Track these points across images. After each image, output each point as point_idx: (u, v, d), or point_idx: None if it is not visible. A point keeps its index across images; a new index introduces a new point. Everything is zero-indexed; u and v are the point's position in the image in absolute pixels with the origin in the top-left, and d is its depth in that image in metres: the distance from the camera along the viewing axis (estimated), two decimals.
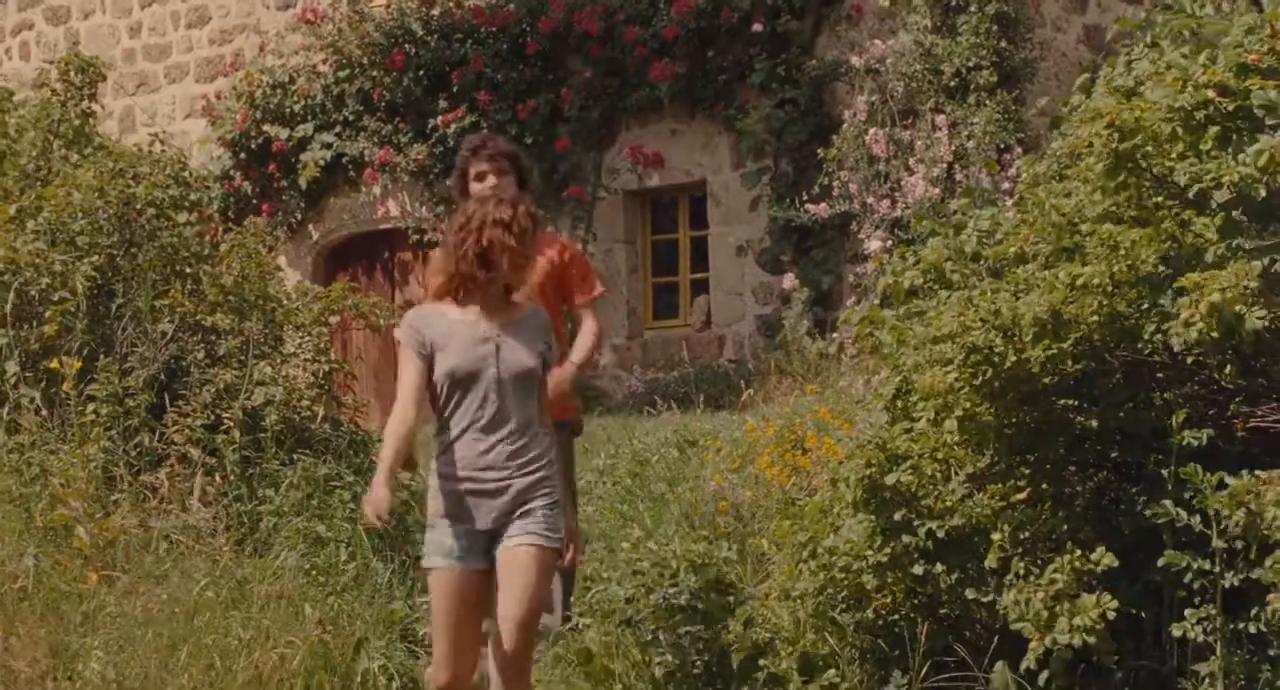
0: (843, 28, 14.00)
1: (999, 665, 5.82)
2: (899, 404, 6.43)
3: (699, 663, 6.60)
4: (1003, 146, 12.52)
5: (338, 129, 16.12)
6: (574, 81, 15.05)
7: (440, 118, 15.40)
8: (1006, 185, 11.93)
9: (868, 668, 6.14)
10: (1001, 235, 6.71)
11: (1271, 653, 5.47)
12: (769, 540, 7.01)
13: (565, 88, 15.06)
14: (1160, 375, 6.15)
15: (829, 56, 13.97)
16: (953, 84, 12.90)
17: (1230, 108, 5.69)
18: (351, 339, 15.42)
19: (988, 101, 12.68)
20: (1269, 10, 5.94)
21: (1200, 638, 5.59)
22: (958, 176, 12.67)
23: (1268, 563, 5.15)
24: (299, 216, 16.46)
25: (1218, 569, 5.57)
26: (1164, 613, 5.81)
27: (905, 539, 6.10)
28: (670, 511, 8.48)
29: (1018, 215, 6.75)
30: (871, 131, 13.17)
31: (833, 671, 6.22)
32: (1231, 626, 5.53)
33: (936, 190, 12.58)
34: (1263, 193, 5.57)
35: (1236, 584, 5.45)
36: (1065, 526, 6.02)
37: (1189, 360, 5.82)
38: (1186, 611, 5.66)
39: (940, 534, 6.08)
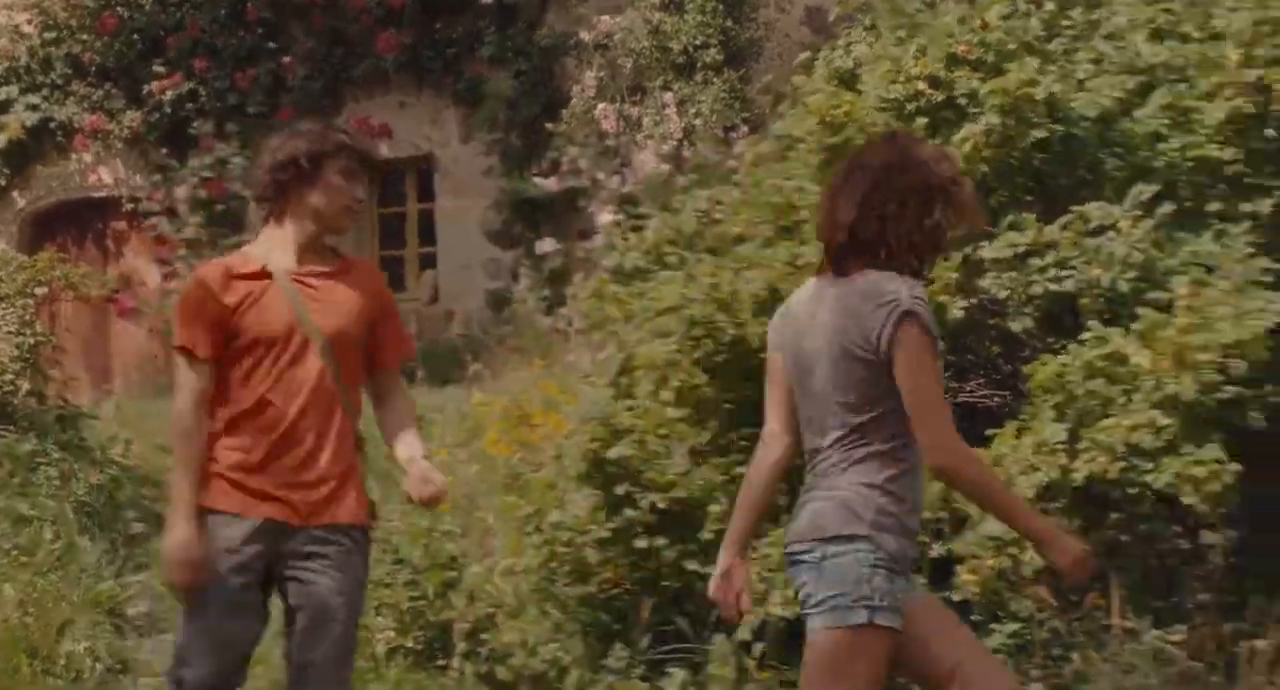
0: (572, 2, 14.02)
1: (719, 637, 5.91)
2: (623, 379, 6.48)
3: (421, 637, 6.56)
4: (729, 125, 12.71)
5: (45, 92, 15.47)
6: (297, 50, 14.74)
7: (155, 84, 14.92)
8: (733, 163, 12.09)
9: (590, 641, 6.17)
10: (722, 215, 6.82)
11: (973, 618, 5.68)
12: (494, 515, 6.98)
13: (288, 57, 14.74)
14: None
15: (558, 30, 13.98)
16: (680, 62, 13.03)
17: (940, 99, 5.86)
18: (61, 311, 14.85)
19: (715, 80, 12.84)
20: (980, 3, 6.14)
21: None
22: (686, 153, 12.80)
23: (958, 539, 5.34)
24: (2, 182, 15.76)
25: (925, 540, 5.75)
26: None
27: (629, 513, 6.15)
28: (397, 487, 8.38)
29: (740, 195, 6.87)
30: (600, 107, 13.22)
31: (555, 645, 6.23)
32: (937, 594, 5.72)
33: (667, 167, 12.69)
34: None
35: (943, 554, 5.63)
36: (783, 499, 6.14)
37: None
38: None
39: (663, 507, 6.14)
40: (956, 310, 5.57)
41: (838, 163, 5.94)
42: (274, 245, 4.33)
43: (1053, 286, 5.32)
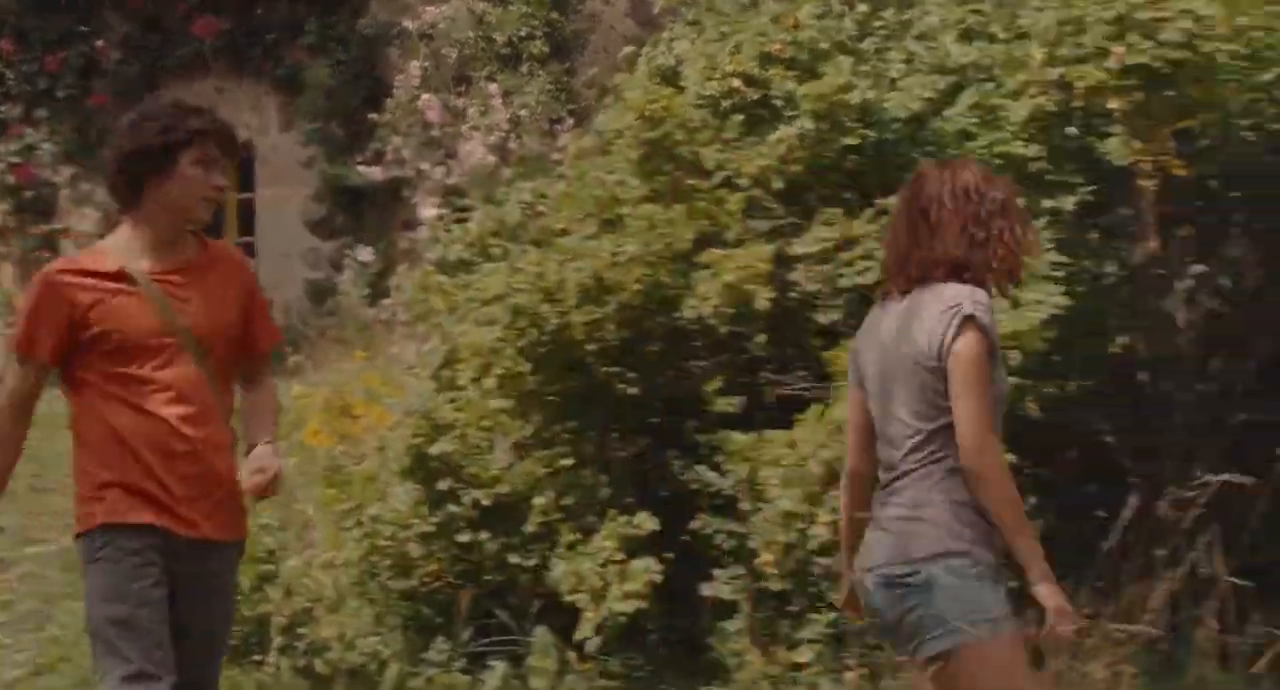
0: None
1: (541, 629, 5.94)
2: (447, 373, 6.47)
3: (237, 632, 6.48)
4: (555, 117, 12.71)
5: None
6: (111, 35, 14.41)
7: None
8: (557, 156, 12.10)
9: (410, 635, 6.16)
10: (546, 208, 6.84)
11: (791, 608, 5.78)
12: (313, 507, 6.92)
13: (101, 40, 14.40)
14: (698, 344, 6.40)
15: (381, 19, 13.85)
16: (505, 53, 13.00)
17: (755, 97, 5.94)
18: None
19: (540, 72, 12.84)
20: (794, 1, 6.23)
21: (729, 596, 5.85)
22: (512, 145, 12.78)
23: (757, 518, 5.43)
24: None
25: (745, 530, 5.83)
26: (698, 574, 6.05)
27: (451, 508, 6.15)
28: None
29: (564, 189, 6.90)
30: (425, 97, 13.14)
31: (375, 639, 6.21)
32: (757, 584, 5.81)
33: (493, 158, 12.66)
34: (780, 183, 5.85)
35: (757, 543, 5.72)
36: (608, 492, 6.18)
37: (724, 330, 6.07)
38: (716, 571, 5.91)
39: (486, 502, 6.15)
40: (764, 299, 5.65)
41: (657, 159, 6.08)
42: (130, 241, 4.01)
43: (859, 279, 5.44)
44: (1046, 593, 3.47)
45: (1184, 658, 5.25)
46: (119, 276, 3.95)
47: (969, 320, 3.47)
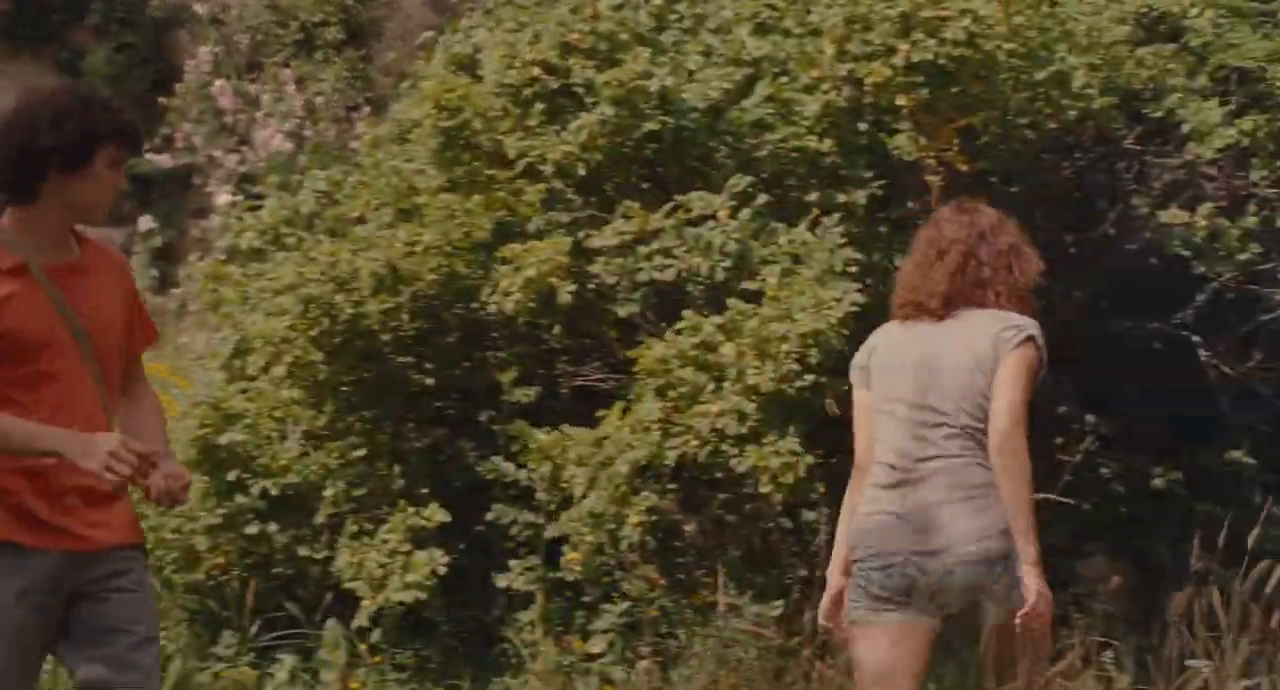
0: None
1: (330, 622, 5.87)
2: (237, 362, 6.35)
3: None
4: (352, 105, 12.56)
5: None
6: None
7: None
8: (355, 143, 11.96)
9: (197, 629, 6.03)
10: (343, 196, 6.76)
11: (585, 599, 5.80)
12: None
13: None
14: (495, 335, 6.38)
15: (170, 2, 13.55)
16: (300, 38, 12.81)
17: (555, 86, 5.94)
18: None
19: (336, 58, 12.68)
20: None
21: (523, 587, 5.84)
22: (308, 133, 12.59)
23: (563, 517, 5.44)
24: None
25: (541, 521, 5.83)
26: (492, 564, 6.04)
27: (240, 498, 6.04)
28: None
29: (359, 177, 6.83)
30: (217, 83, 12.88)
31: (160, 633, 6.06)
32: (551, 575, 5.81)
33: (289, 146, 12.46)
34: (581, 170, 5.86)
35: (557, 535, 5.72)
36: (402, 483, 6.13)
37: (521, 321, 6.06)
38: (512, 562, 5.90)
39: (275, 493, 6.05)
40: (566, 293, 5.66)
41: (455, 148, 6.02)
42: (19, 235, 3.65)
43: (657, 274, 5.47)
44: (1034, 575, 3.89)
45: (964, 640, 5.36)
46: (19, 270, 3.63)
47: (1030, 338, 4.03)
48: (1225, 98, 6.24)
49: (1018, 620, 3.93)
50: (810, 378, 5.24)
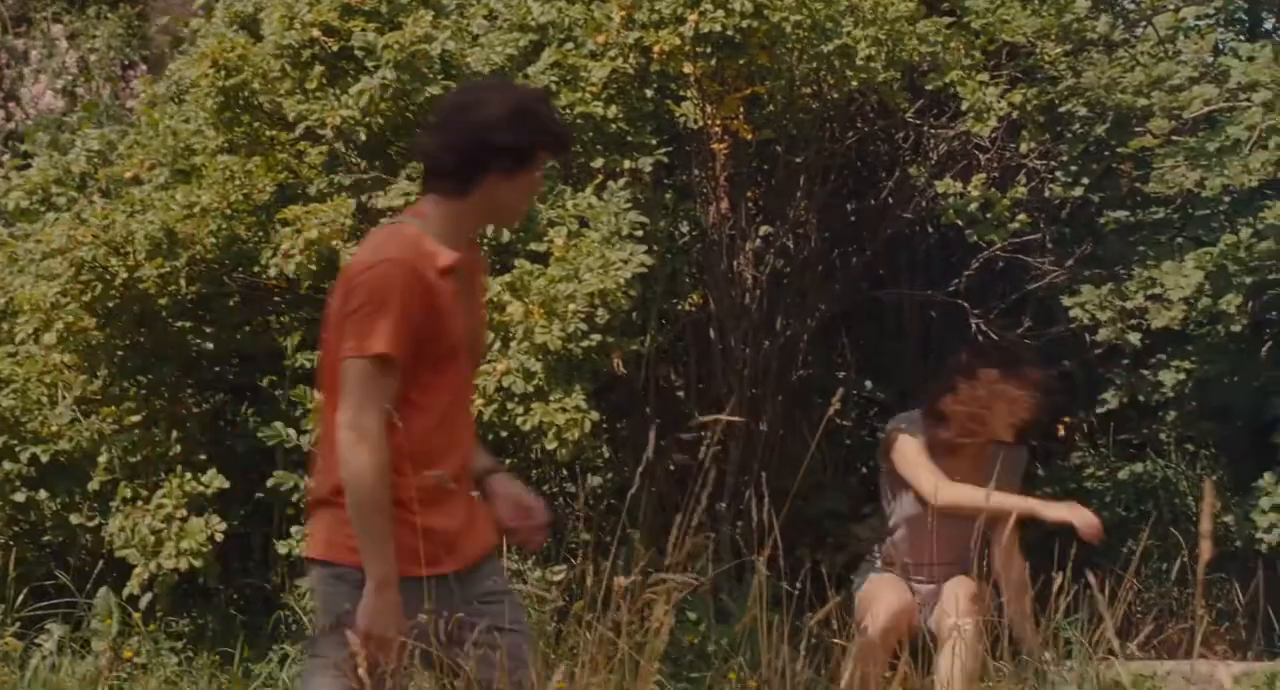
0: None
1: (102, 590, 5.75)
2: (4, 326, 6.16)
3: None
4: (127, 62, 12.22)
5: None
6: None
7: None
8: (132, 103, 11.65)
9: None
10: (117, 156, 6.59)
11: None
12: None
13: None
14: (278, 299, 6.29)
15: None
16: None
17: (335, 48, 5.85)
18: None
19: (110, 15, 12.32)
20: None
21: (302, 554, 5.78)
22: (80, 91, 12.22)
23: None
24: None
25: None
26: (273, 531, 5.97)
27: (7, 466, 5.87)
28: None
29: (134, 136, 6.66)
30: None
31: None
32: None
33: (60, 103, 12.07)
34: (363, 135, 5.79)
35: None
36: (179, 448, 6.02)
37: (304, 285, 5.97)
38: (293, 528, 5.84)
39: (45, 460, 5.89)
40: (349, 256, 5.59)
41: (234, 109, 5.93)
42: (445, 231, 3.48)
43: None
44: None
45: (738, 603, 5.48)
46: (451, 271, 3.47)
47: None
48: (998, 72, 6.42)
49: None
50: (597, 337, 5.27)
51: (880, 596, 5.61)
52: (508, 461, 6.28)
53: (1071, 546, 5.83)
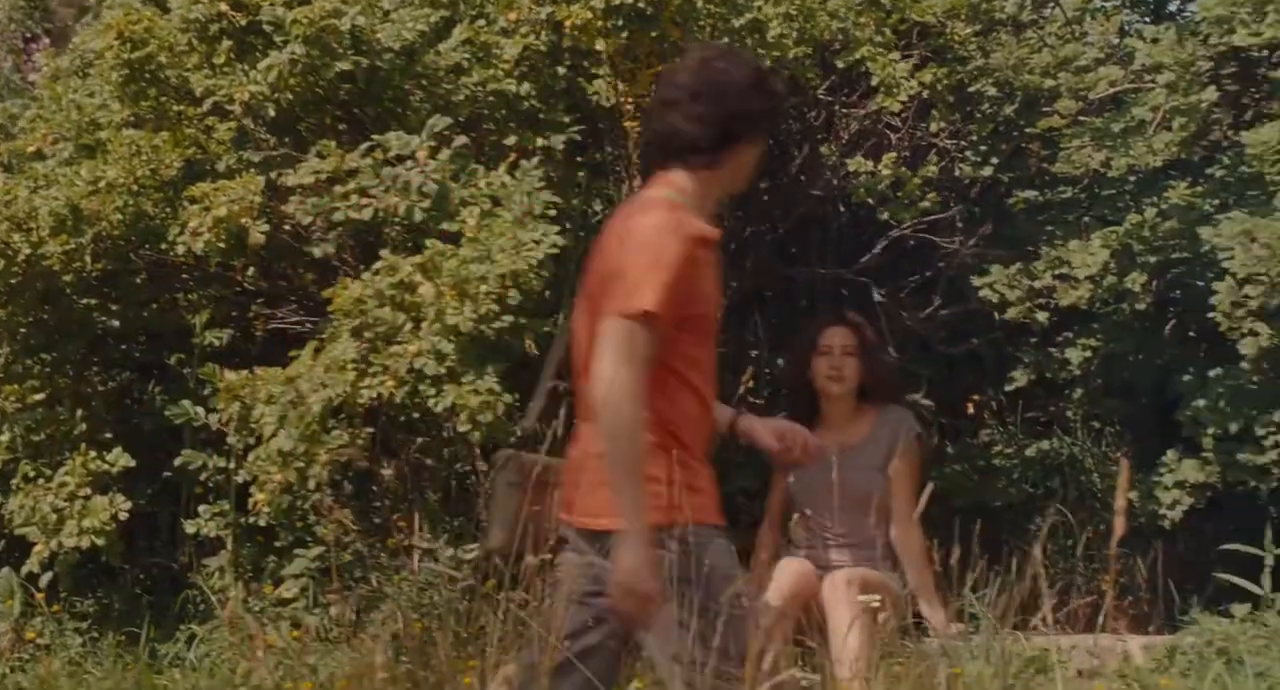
0: None
1: (4, 570, 5.67)
2: None
3: None
4: (29, 35, 12.02)
5: None
6: None
7: None
8: (34, 76, 11.46)
9: None
10: (19, 130, 6.49)
11: (277, 544, 5.72)
12: None
13: None
14: (186, 276, 6.23)
15: None
16: None
17: (243, 22, 5.78)
18: None
19: None
20: None
21: (214, 532, 5.74)
22: None
23: (251, 457, 5.35)
24: None
25: (231, 465, 5.72)
26: (180, 510, 5.92)
27: None
28: None
29: (37, 110, 6.56)
30: None
31: None
32: (242, 520, 5.72)
33: None
34: (272, 111, 5.73)
35: (247, 479, 5.62)
36: (84, 427, 5.95)
37: (213, 262, 5.92)
38: (201, 507, 5.79)
39: None
40: (258, 234, 5.54)
41: (140, 82, 5.86)
42: (698, 203, 3.44)
43: (354, 214, 5.38)
44: None
45: None
46: (709, 245, 3.41)
47: None
48: (908, 51, 6.46)
49: None
50: (509, 318, 5.24)
51: (785, 567, 5.70)
52: (419, 441, 6.28)
53: (977, 522, 5.92)
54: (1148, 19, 7.23)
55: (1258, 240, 5.51)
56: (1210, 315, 5.75)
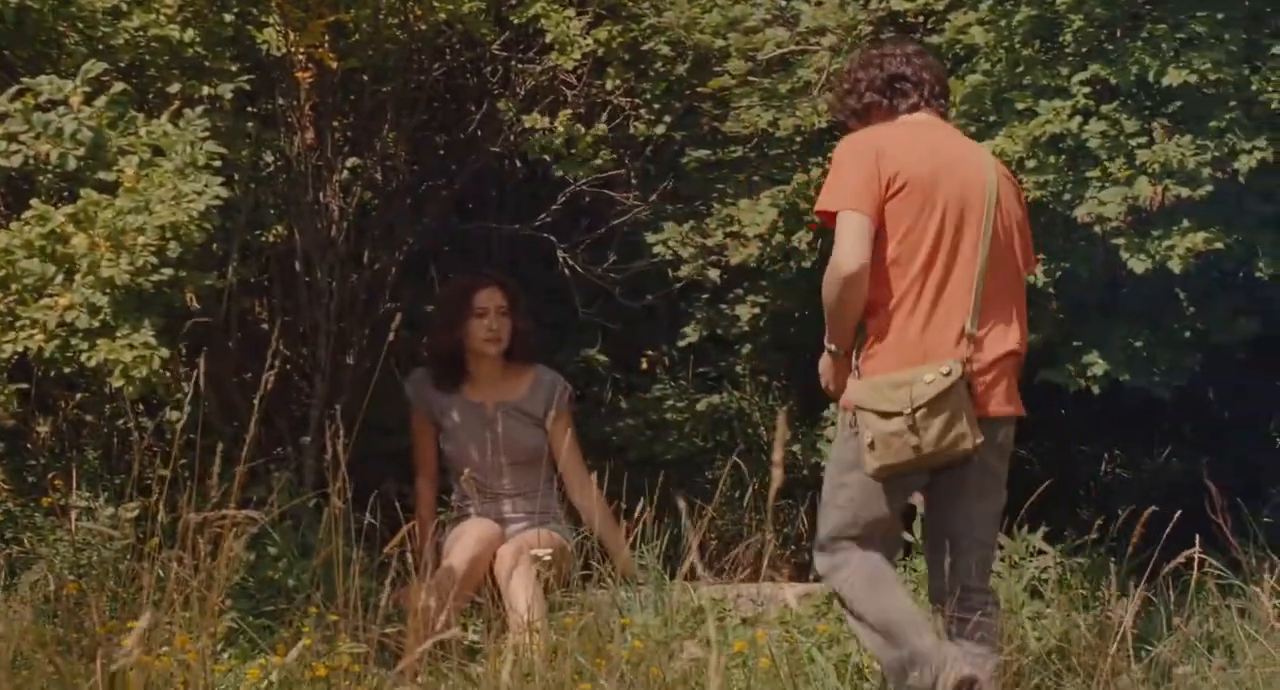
0: None
1: None
2: None
3: None
4: None
5: None
6: None
7: None
8: None
9: None
10: None
11: None
12: None
13: None
14: None
15: None
16: None
17: None
18: None
19: None
20: None
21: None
22: None
23: None
24: None
25: None
26: None
27: None
28: None
29: None
30: None
31: None
32: None
33: None
34: None
35: None
36: None
37: None
38: None
39: None
40: None
41: None
42: None
43: (3, 161, 5.14)
44: None
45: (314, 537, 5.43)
46: None
47: None
48: (583, 8, 6.49)
49: None
50: (169, 271, 5.09)
51: (466, 529, 5.77)
52: (79, 396, 6.07)
53: (649, 476, 6.04)
54: None
55: None
56: None
